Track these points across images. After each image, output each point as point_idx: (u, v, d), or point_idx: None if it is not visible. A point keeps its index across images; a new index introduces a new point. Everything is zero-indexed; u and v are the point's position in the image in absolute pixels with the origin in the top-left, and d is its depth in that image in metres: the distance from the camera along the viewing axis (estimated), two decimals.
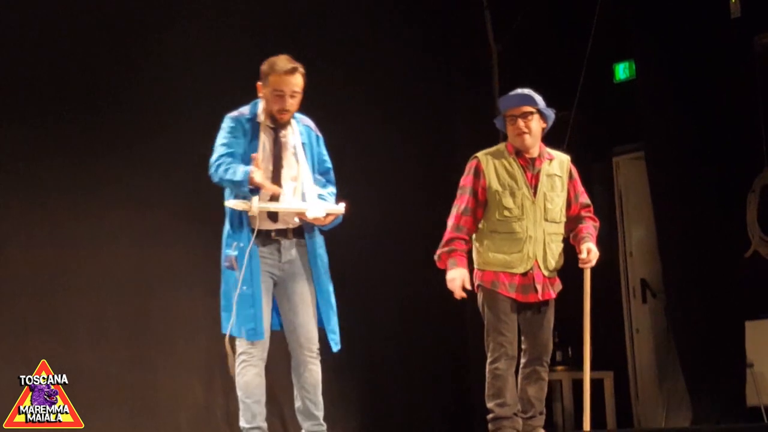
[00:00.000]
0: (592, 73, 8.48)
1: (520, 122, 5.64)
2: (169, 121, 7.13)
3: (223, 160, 5.21)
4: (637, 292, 8.73)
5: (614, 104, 8.68)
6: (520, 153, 5.68)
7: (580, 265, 5.78)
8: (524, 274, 5.61)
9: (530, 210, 5.62)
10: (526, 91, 5.71)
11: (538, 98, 5.69)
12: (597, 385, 8.05)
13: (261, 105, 5.36)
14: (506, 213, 5.60)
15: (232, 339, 5.23)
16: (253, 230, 5.21)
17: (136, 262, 7.15)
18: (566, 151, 5.92)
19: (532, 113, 5.66)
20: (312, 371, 5.42)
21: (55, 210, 6.96)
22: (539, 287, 5.62)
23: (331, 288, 5.48)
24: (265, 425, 5.28)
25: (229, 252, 5.25)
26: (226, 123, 5.34)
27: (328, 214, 5.29)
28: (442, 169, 8.57)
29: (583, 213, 5.85)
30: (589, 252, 5.73)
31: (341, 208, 5.34)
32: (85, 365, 6.85)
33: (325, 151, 5.55)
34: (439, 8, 8.95)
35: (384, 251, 8.38)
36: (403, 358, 8.33)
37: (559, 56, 8.79)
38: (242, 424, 5.26)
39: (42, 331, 6.82)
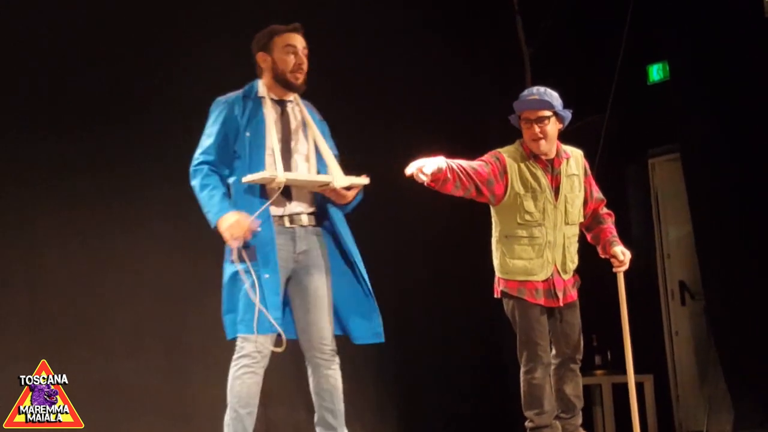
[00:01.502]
0: (625, 75, 8.44)
1: (536, 127, 5.50)
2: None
3: (206, 169, 4.85)
4: (675, 294, 8.67)
5: (648, 106, 8.61)
6: (536, 155, 5.61)
7: (615, 270, 5.72)
8: (545, 280, 5.56)
9: (552, 214, 5.53)
10: (542, 91, 5.55)
11: (555, 98, 5.55)
12: (637, 389, 7.95)
13: (261, 82, 5.02)
14: (527, 217, 5.51)
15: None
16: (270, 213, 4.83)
17: (170, 270, 7.17)
18: (601, 153, 5.87)
19: (548, 117, 5.53)
20: (327, 376, 5.00)
21: (88, 219, 7.00)
22: (560, 294, 5.56)
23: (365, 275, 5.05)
24: None
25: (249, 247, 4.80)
26: (214, 109, 4.96)
27: (351, 187, 4.93)
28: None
29: (601, 210, 5.78)
30: (624, 255, 5.68)
31: (364, 180, 4.98)
32: (120, 373, 6.91)
33: (331, 140, 5.18)
34: (470, 13, 8.93)
35: (416, 253, 8.37)
36: (439, 363, 8.31)
37: (592, 58, 8.75)
38: None
39: (75, 343, 6.88)
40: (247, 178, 4.79)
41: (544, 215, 5.52)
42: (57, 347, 6.76)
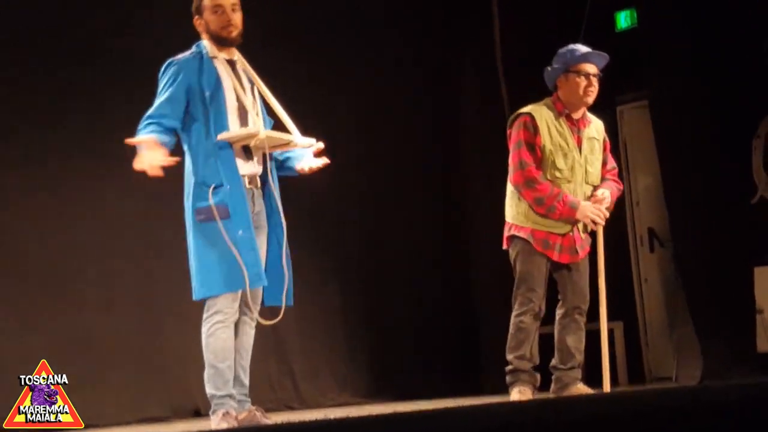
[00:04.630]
0: (593, 23, 8.41)
1: (594, 80, 5.65)
2: None
3: (145, 122, 4.85)
4: (644, 242, 8.71)
5: (616, 53, 8.58)
6: (568, 114, 5.63)
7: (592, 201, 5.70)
8: (563, 235, 5.59)
9: (578, 172, 5.62)
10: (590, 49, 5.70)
11: None
12: (607, 336, 8.05)
13: (205, 43, 5.02)
14: (557, 174, 5.58)
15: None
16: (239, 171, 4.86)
17: (142, 222, 7.14)
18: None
19: (600, 75, 5.69)
20: (249, 335, 5.01)
21: (58, 171, 6.96)
22: (580, 250, 5.66)
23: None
24: (234, 392, 4.89)
25: (202, 204, 4.84)
26: (168, 70, 4.95)
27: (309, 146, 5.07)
28: (442, 114, 8.58)
29: (608, 176, 5.83)
30: (604, 195, 5.68)
31: (320, 144, 5.08)
32: (92, 326, 6.89)
33: None
34: None
35: (390, 207, 8.36)
36: (411, 313, 8.33)
37: (560, 6, 8.71)
38: (211, 391, 4.85)
39: (51, 301, 6.85)
40: (225, 135, 4.83)
41: (572, 172, 5.59)
42: (28, 300, 6.74)
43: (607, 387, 5.74)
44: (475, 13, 8.83)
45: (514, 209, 5.70)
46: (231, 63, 5.05)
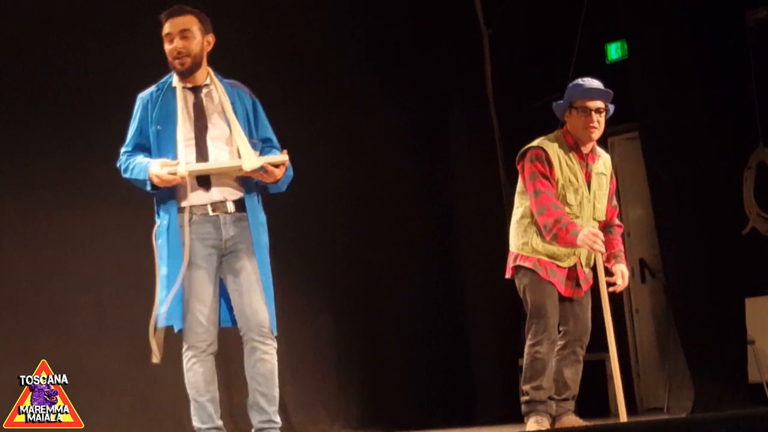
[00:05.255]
0: (583, 54, 8.45)
1: (595, 116, 5.57)
2: None
3: (125, 157, 4.88)
4: (635, 273, 8.72)
5: (607, 84, 8.62)
6: (578, 147, 5.63)
7: (609, 288, 5.65)
8: (567, 269, 5.60)
9: (586, 208, 5.60)
10: (599, 83, 5.65)
11: None
12: (599, 367, 8.04)
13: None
14: (567, 209, 5.55)
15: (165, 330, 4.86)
16: (179, 204, 4.78)
17: (132, 254, 7.13)
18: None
19: (606, 109, 5.62)
20: (263, 359, 4.86)
21: (47, 203, 6.95)
22: (583, 284, 5.65)
23: (268, 273, 4.94)
24: (221, 423, 4.86)
25: (155, 242, 4.87)
26: (134, 105, 4.96)
27: (277, 164, 4.80)
28: (433, 149, 8.59)
29: (613, 221, 5.82)
30: (623, 277, 5.66)
31: (283, 157, 4.84)
32: (86, 362, 6.85)
33: (264, 118, 5.05)
34: None
35: (380, 238, 8.37)
36: (402, 346, 8.32)
37: (551, 38, 8.76)
38: (197, 425, 4.85)
39: (42, 330, 6.82)
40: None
41: (581, 208, 5.59)
42: (21, 334, 6.73)
43: (623, 416, 5.64)
44: (465, 51, 8.86)
45: (519, 239, 5.69)
46: (195, 90, 4.94)
